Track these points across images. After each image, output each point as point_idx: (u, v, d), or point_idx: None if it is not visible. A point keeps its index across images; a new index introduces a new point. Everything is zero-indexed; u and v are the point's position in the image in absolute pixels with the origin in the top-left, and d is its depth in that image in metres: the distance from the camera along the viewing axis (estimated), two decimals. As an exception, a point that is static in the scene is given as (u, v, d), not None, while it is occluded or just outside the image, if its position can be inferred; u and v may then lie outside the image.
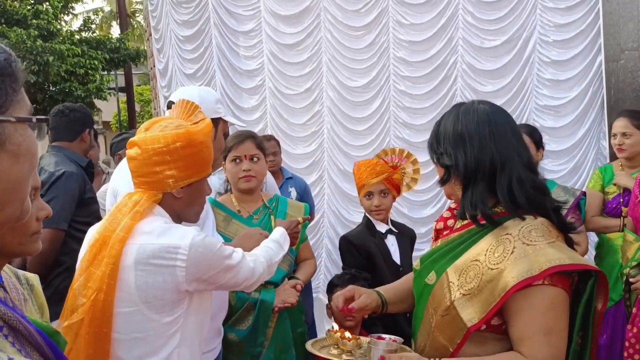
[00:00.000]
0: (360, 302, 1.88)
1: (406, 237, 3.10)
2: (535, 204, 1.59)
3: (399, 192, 3.06)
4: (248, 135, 2.75)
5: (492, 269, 1.52)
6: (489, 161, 1.60)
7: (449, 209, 1.88)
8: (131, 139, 1.76)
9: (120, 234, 1.66)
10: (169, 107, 2.22)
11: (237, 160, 2.69)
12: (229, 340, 2.58)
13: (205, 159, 1.77)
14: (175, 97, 2.24)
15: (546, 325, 1.47)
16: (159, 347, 1.70)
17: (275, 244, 2.08)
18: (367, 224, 3.01)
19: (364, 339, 1.83)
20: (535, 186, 1.61)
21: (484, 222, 1.60)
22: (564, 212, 2.17)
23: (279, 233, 2.17)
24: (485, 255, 1.56)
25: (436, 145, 1.71)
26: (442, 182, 1.72)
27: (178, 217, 1.81)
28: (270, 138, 4.32)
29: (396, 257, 2.99)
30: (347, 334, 1.83)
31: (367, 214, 3.04)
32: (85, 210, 3.19)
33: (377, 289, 1.98)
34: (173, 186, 1.72)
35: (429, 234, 4.85)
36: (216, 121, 2.33)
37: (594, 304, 1.56)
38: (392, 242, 3.01)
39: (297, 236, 2.40)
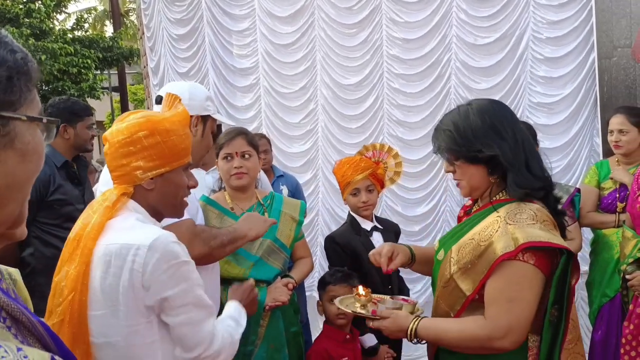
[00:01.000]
0: (398, 262, 2.07)
1: (391, 233, 3.09)
2: (550, 181, 1.80)
3: (382, 186, 3.07)
4: (239, 132, 2.74)
5: (481, 246, 1.72)
6: (526, 140, 1.78)
7: (471, 199, 2.00)
8: (104, 135, 1.72)
9: (92, 232, 1.60)
10: (158, 102, 2.21)
11: (229, 158, 2.67)
12: (221, 339, 2.56)
13: (175, 147, 1.68)
14: (164, 92, 2.21)
15: (510, 294, 1.66)
16: (139, 357, 1.59)
17: (232, 321, 1.85)
18: (351, 223, 3.00)
19: (378, 296, 2.13)
20: (542, 168, 1.83)
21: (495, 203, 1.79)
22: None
23: (233, 307, 1.95)
24: (479, 234, 1.76)
25: (467, 143, 1.77)
26: (491, 173, 1.79)
27: (156, 212, 1.73)
28: (262, 136, 4.32)
29: None
30: (362, 291, 2.10)
31: (351, 212, 3.03)
32: (52, 212, 3.11)
33: (409, 245, 2.19)
34: (141, 178, 1.66)
35: (423, 232, 4.86)
36: (205, 118, 2.33)
37: (569, 279, 1.71)
38: (377, 239, 2.99)
39: (255, 302, 2.20)
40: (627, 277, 2.85)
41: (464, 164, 1.81)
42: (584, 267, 4.02)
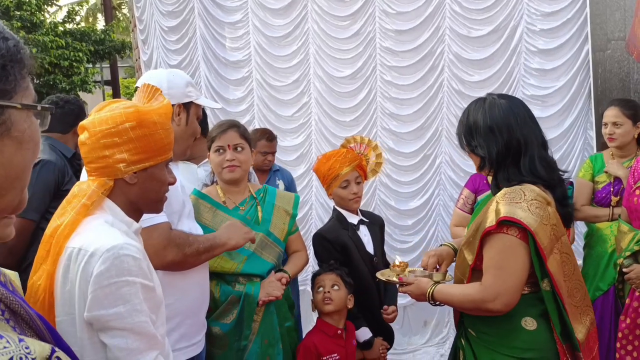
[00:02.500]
0: (445, 267, 2.36)
1: (376, 226, 3.09)
2: (542, 177, 2.01)
3: (365, 178, 3.07)
4: (231, 125, 2.71)
5: (479, 222, 2.02)
6: (515, 146, 2.02)
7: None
8: (81, 123, 1.61)
9: (64, 230, 1.50)
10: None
11: (221, 150, 2.64)
12: (213, 334, 2.55)
13: (161, 141, 1.60)
14: (141, 82, 2.14)
15: (498, 262, 1.94)
16: None
17: None
18: (338, 218, 2.98)
19: (411, 269, 2.46)
20: (547, 163, 2.06)
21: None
22: None
23: None
24: (481, 213, 2.06)
25: (469, 138, 2.09)
26: (480, 169, 2.13)
27: (135, 208, 1.64)
28: (274, 138, 4.15)
29: (369, 247, 2.97)
30: (397, 262, 2.47)
31: (336, 207, 3.01)
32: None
33: (449, 243, 2.48)
34: (124, 171, 1.56)
35: (416, 226, 4.85)
36: (188, 105, 2.26)
37: (539, 254, 1.92)
38: (364, 233, 2.99)
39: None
40: (625, 270, 2.84)
41: (469, 153, 2.15)
42: (578, 261, 4.04)
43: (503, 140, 2.01)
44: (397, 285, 2.38)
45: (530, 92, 4.50)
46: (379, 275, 2.55)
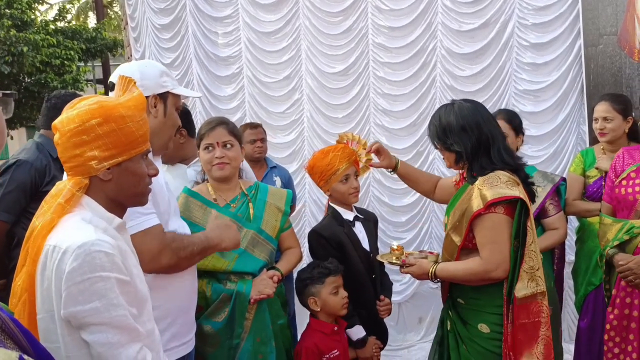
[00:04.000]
0: (378, 165, 2.99)
1: (370, 222, 3.07)
2: (509, 163, 2.39)
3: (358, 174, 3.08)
4: (220, 122, 2.68)
5: (464, 208, 2.36)
6: (484, 140, 2.38)
7: (461, 174, 2.63)
8: (53, 123, 1.61)
9: (42, 230, 1.51)
10: (111, 89, 2.10)
11: (210, 148, 2.62)
12: (205, 332, 2.53)
13: (132, 134, 1.58)
14: (114, 77, 2.08)
15: (492, 238, 2.30)
16: None
17: None
18: (333, 214, 2.95)
19: (408, 251, 2.77)
20: (510, 151, 2.47)
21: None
22: (542, 198, 3.20)
23: None
24: (463, 200, 2.40)
25: (444, 138, 2.43)
26: (455, 163, 2.46)
27: (116, 203, 1.63)
28: (257, 125, 4.29)
29: (365, 243, 2.95)
30: (394, 246, 2.78)
31: (332, 204, 2.99)
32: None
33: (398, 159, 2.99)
34: (97, 168, 1.54)
35: (410, 222, 4.85)
36: (164, 96, 2.18)
37: (523, 219, 2.30)
38: (359, 229, 2.97)
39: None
40: (616, 259, 2.81)
41: (442, 150, 2.49)
42: (570, 257, 4.04)
43: (475, 136, 2.37)
44: (399, 267, 2.63)
45: (522, 86, 4.50)
46: (379, 258, 2.78)
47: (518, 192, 2.29)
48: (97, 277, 1.42)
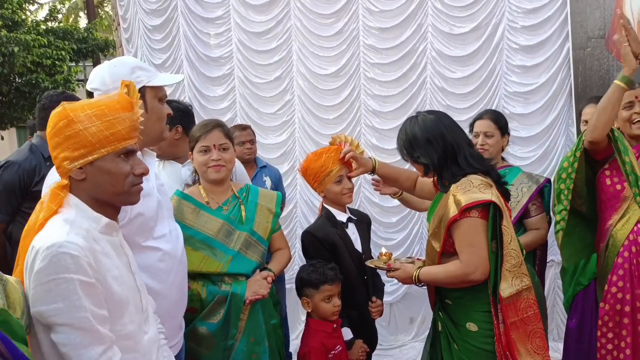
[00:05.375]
0: (356, 173, 2.99)
1: (363, 223, 3.10)
2: (478, 167, 2.44)
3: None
4: (216, 125, 2.70)
5: (441, 214, 2.41)
6: (450, 150, 2.45)
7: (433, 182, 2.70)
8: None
9: (31, 230, 1.58)
10: (89, 95, 2.10)
11: (206, 150, 2.64)
12: (200, 334, 2.54)
13: (100, 134, 1.59)
14: (88, 85, 2.11)
15: (469, 241, 2.35)
16: None
17: None
18: (327, 215, 2.98)
19: (396, 257, 2.86)
20: (477, 156, 2.51)
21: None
22: (527, 198, 3.27)
23: None
24: (440, 207, 2.44)
25: (411, 150, 2.51)
26: (425, 174, 2.56)
27: (100, 202, 1.65)
28: (246, 127, 4.30)
29: (357, 245, 2.98)
30: (383, 251, 2.80)
31: (325, 205, 3.01)
32: (37, 203, 3.12)
33: (376, 160, 3.01)
34: (69, 168, 1.60)
35: (400, 223, 4.87)
36: (142, 91, 2.06)
37: (498, 221, 2.35)
38: (353, 231, 3.00)
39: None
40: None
41: (412, 163, 2.57)
42: (557, 257, 4.07)
43: (440, 147, 2.44)
44: (385, 271, 2.69)
45: (512, 88, 4.54)
46: (368, 263, 2.82)
47: (491, 194, 2.33)
48: (62, 279, 1.46)
